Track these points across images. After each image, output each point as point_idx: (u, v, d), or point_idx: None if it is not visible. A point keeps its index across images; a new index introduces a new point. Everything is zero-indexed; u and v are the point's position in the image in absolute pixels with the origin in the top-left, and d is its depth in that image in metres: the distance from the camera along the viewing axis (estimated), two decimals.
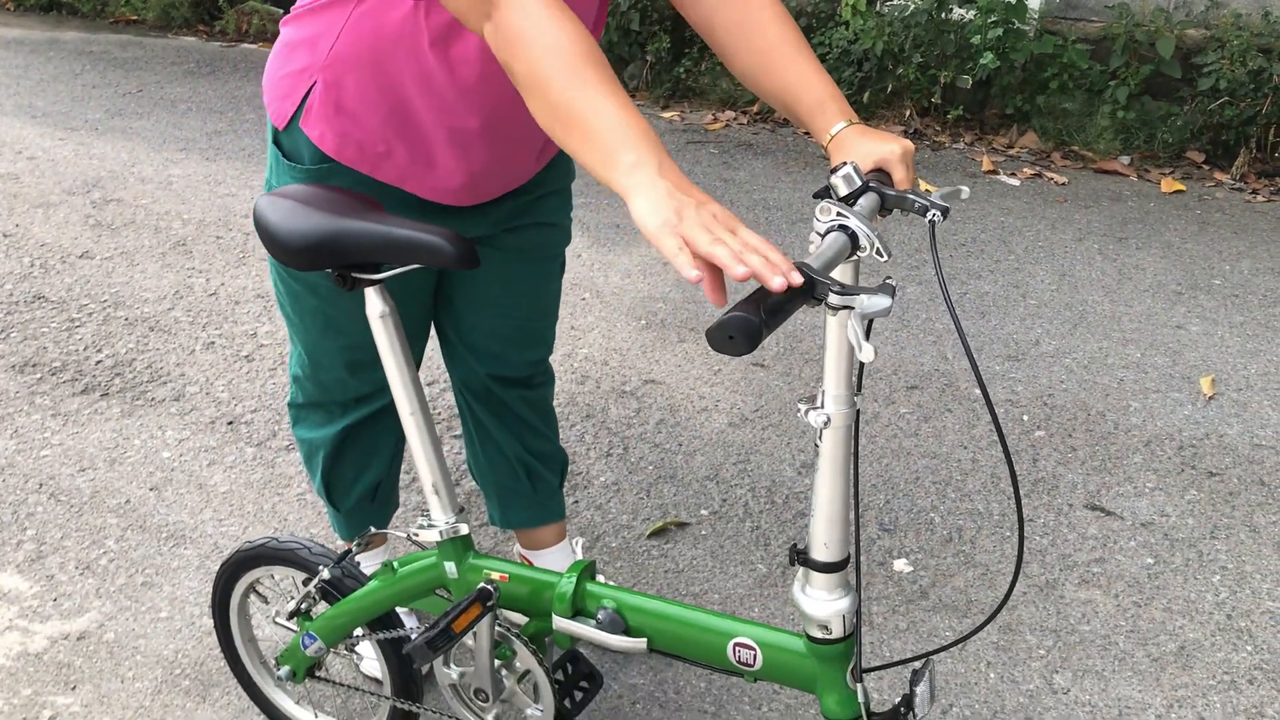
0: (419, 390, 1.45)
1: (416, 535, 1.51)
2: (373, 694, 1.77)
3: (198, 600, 2.18)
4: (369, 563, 2.04)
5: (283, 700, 1.87)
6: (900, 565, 2.29)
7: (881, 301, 1.07)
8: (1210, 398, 2.82)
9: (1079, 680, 2.01)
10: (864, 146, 1.29)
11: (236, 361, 3.02)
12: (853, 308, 1.07)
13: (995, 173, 4.29)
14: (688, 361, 3.01)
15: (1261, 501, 2.44)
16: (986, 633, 2.10)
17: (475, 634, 1.57)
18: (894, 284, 1.12)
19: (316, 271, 1.45)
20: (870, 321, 1.11)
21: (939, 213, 1.22)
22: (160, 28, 6.80)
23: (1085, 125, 4.46)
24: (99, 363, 3.01)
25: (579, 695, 1.65)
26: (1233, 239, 3.75)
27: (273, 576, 1.74)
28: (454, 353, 1.85)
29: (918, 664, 1.29)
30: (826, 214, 1.16)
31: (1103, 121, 4.41)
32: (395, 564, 1.60)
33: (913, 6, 4.55)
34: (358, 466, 1.89)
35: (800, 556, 1.27)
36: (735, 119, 5.04)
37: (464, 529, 1.53)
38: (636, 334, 3.14)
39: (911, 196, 1.25)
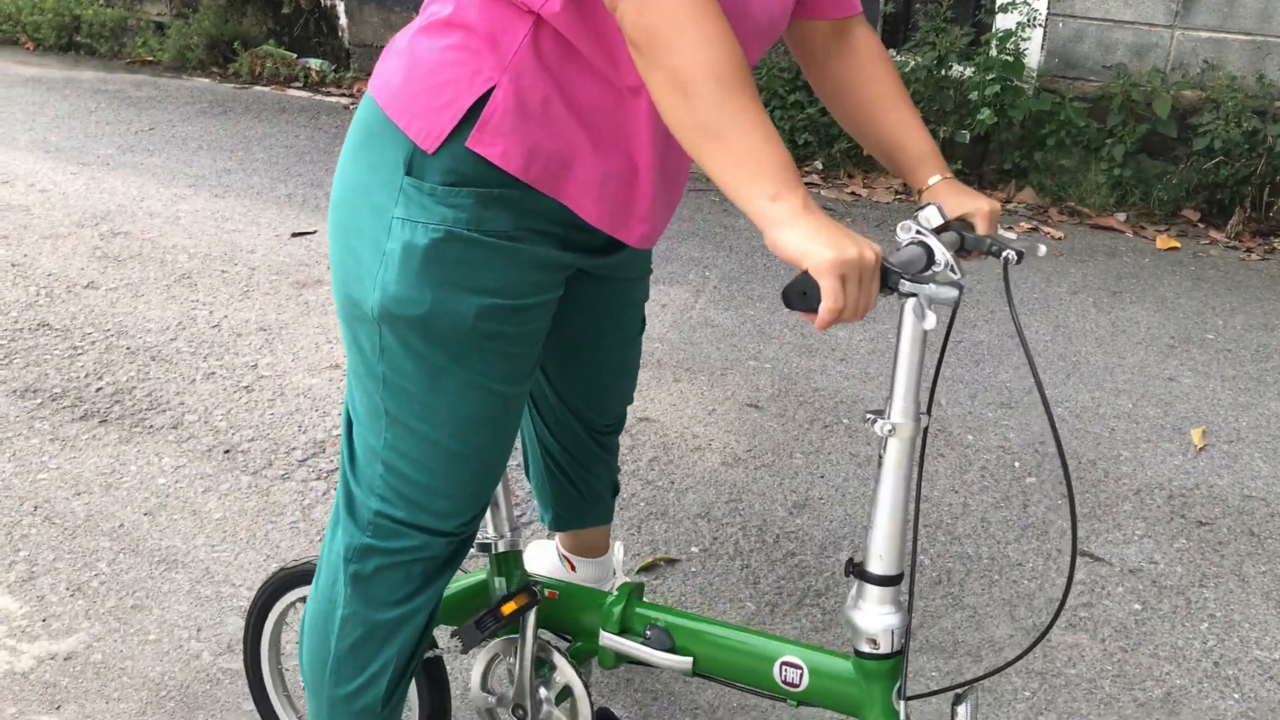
0: None
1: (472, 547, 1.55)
2: None
3: (186, 624, 2.19)
4: None
5: None
6: None
7: (948, 292, 1.16)
8: (1201, 449, 2.83)
9: None
10: (955, 198, 1.40)
11: (236, 392, 3.05)
12: (917, 295, 1.17)
13: None
14: (682, 401, 3.03)
15: (1251, 551, 2.45)
16: (972, 674, 2.10)
17: (518, 645, 1.59)
18: (962, 282, 1.20)
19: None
20: (950, 320, 1.26)
21: (1014, 253, 1.29)
22: (175, 69, 6.91)
23: (1082, 182, 4.52)
24: (99, 390, 3.04)
25: None
26: (1226, 295, 3.78)
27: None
28: (552, 413, 1.81)
29: (960, 690, 1.33)
30: (906, 230, 1.24)
31: (1099, 178, 4.46)
32: None
33: (913, 63, 4.63)
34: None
35: (855, 568, 1.29)
36: None
37: (519, 544, 1.59)
38: None
39: (989, 240, 1.36)
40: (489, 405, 1.37)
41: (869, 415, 1.25)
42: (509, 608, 1.53)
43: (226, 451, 2.76)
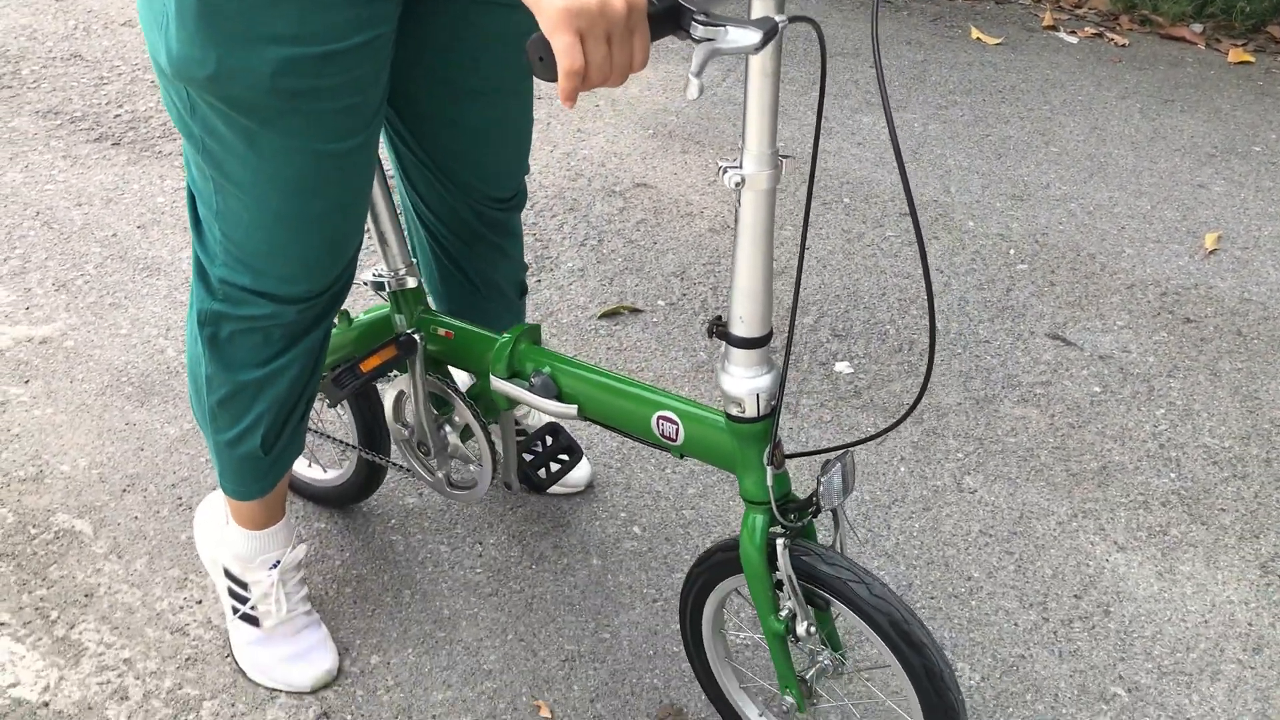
0: None
1: (366, 284, 1.54)
2: (341, 443, 1.79)
3: (157, 323, 2.28)
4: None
5: None
6: (841, 367, 2.29)
7: (745, 38, 0.95)
8: (1211, 252, 2.72)
9: (989, 484, 2.01)
10: None
11: None
12: (714, 40, 0.95)
13: (1054, 29, 4.10)
14: (684, 170, 2.99)
15: (1232, 349, 2.38)
16: (908, 432, 2.11)
17: (411, 387, 1.60)
18: (780, 22, 0.98)
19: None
20: (822, 54, 1.00)
21: None
22: None
23: None
24: (117, 116, 3.11)
25: (555, 468, 1.65)
26: None
27: None
28: (426, 181, 1.58)
29: (832, 455, 1.27)
30: None
31: None
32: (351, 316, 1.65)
33: None
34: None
35: (718, 329, 1.21)
36: None
37: (411, 282, 1.53)
38: (640, 141, 3.13)
39: None
40: (317, 168, 1.22)
41: (720, 165, 1.11)
42: (370, 364, 1.50)
43: None
